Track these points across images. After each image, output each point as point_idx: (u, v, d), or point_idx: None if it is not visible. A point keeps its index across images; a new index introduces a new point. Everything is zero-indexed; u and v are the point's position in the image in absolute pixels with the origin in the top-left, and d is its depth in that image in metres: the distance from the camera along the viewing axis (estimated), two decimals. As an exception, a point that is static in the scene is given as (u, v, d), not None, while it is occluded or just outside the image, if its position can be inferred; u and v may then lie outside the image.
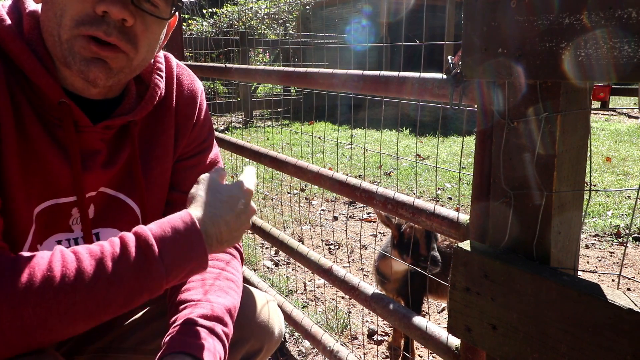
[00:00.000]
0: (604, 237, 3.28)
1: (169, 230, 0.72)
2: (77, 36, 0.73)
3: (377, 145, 6.13)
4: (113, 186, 0.90)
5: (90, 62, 0.74)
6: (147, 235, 0.70)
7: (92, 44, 0.73)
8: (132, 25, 0.75)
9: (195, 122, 0.98)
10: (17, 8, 0.79)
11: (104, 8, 0.71)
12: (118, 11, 0.72)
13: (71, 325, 0.66)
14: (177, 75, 0.96)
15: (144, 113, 0.88)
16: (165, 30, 0.84)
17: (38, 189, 0.79)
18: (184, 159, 0.98)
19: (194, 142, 0.99)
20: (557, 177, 0.72)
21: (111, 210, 0.90)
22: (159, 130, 0.93)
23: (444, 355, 1.14)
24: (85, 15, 0.72)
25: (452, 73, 0.99)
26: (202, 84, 1.03)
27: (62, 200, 0.83)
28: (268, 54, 10.18)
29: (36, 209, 0.80)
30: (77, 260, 0.67)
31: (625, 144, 6.17)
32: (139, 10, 0.75)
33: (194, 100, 0.98)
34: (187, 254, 0.72)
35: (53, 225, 0.84)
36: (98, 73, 0.75)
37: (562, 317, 0.68)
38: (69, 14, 0.72)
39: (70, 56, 0.74)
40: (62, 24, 0.72)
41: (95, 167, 0.84)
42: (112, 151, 0.87)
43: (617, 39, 0.59)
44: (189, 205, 0.77)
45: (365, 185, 1.35)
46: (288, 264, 2.88)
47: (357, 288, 1.45)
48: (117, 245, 0.70)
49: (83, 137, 0.82)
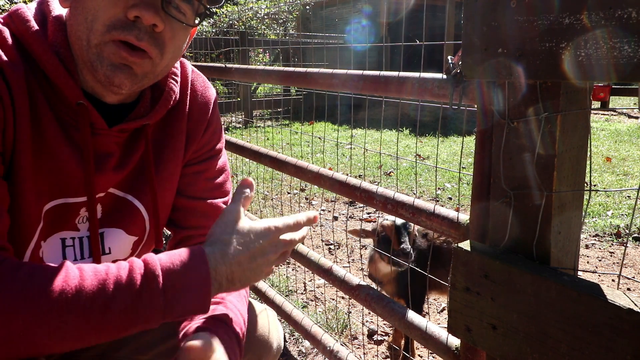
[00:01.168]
0: (604, 237, 3.28)
1: (177, 264, 0.70)
2: (107, 41, 0.74)
3: (377, 145, 6.13)
4: (122, 188, 0.90)
5: (117, 67, 0.75)
6: (155, 265, 0.68)
7: (122, 50, 0.74)
8: (161, 31, 0.76)
9: (206, 128, 0.99)
10: (41, 11, 0.81)
11: (136, 13, 0.72)
12: (150, 16, 0.73)
13: (59, 344, 0.64)
14: (191, 81, 0.97)
15: (158, 117, 0.89)
16: (188, 39, 0.85)
17: (49, 187, 0.80)
18: (192, 164, 0.98)
19: (204, 148, 0.99)
20: (557, 177, 0.72)
21: (118, 211, 0.91)
22: (170, 134, 0.94)
23: (444, 355, 1.14)
24: (117, 20, 0.73)
25: (452, 73, 0.99)
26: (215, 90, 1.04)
27: (71, 200, 0.83)
28: (268, 54, 10.19)
29: (45, 206, 0.81)
30: (80, 277, 0.65)
31: (625, 144, 6.17)
32: (168, 16, 0.76)
33: (207, 106, 0.99)
34: (190, 292, 0.69)
35: (59, 223, 0.84)
36: (124, 79, 0.76)
37: (562, 317, 0.68)
38: (101, 19, 0.73)
39: (98, 61, 0.75)
40: (94, 29, 0.73)
41: (107, 169, 0.85)
42: (125, 154, 0.88)
43: (617, 39, 0.59)
44: (207, 240, 0.75)
45: (365, 185, 1.35)
46: (288, 264, 2.88)
47: (357, 288, 1.45)
48: (124, 270, 0.68)
49: (98, 140, 0.83)
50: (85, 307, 0.64)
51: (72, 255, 0.87)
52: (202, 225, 0.98)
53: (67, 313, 0.63)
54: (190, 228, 0.99)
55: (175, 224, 1.00)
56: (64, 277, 0.64)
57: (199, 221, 0.98)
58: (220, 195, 1.01)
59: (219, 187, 1.01)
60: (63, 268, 0.66)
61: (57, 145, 0.78)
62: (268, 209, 3.75)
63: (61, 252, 0.86)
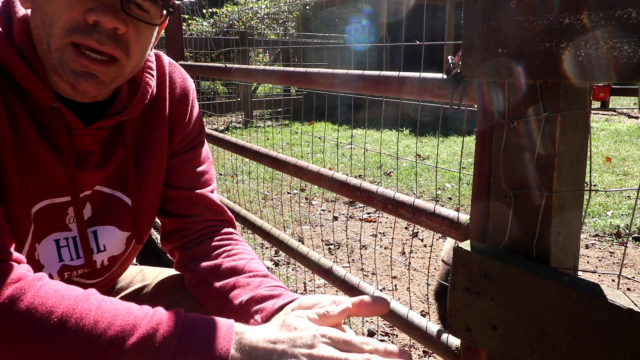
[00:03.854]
0: (604, 237, 3.28)
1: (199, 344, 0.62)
2: (67, 45, 0.71)
3: (377, 145, 6.13)
4: (108, 184, 0.90)
5: (79, 75, 0.73)
6: (172, 339, 0.62)
7: (82, 58, 0.72)
8: (124, 32, 0.74)
9: (188, 119, 1.00)
10: (7, 12, 0.78)
11: (95, 18, 0.70)
12: (109, 20, 0.70)
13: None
14: (169, 73, 0.97)
15: (136, 112, 0.88)
16: (155, 33, 0.83)
17: (34, 189, 0.80)
18: (177, 155, 1.00)
19: (187, 138, 1.01)
20: (557, 177, 0.72)
21: (108, 208, 0.91)
22: (152, 128, 0.94)
23: (444, 355, 1.14)
24: (76, 24, 0.70)
25: (452, 73, 0.99)
26: (193, 82, 1.05)
27: (57, 200, 0.83)
28: (268, 54, 10.18)
29: (33, 208, 0.81)
30: (88, 307, 0.62)
31: (625, 144, 6.17)
32: (130, 17, 0.74)
33: (187, 97, 1.00)
34: None
35: (50, 224, 0.85)
36: (88, 87, 0.74)
37: (562, 317, 0.68)
38: (58, 23, 0.70)
39: (60, 66, 0.73)
40: (52, 33, 0.71)
41: (89, 167, 0.85)
42: (106, 151, 0.88)
43: (617, 39, 0.59)
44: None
45: (365, 185, 1.35)
46: (288, 264, 2.88)
47: (357, 288, 1.45)
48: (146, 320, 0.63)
49: (76, 139, 0.82)
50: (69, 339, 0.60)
51: (67, 255, 0.88)
52: (195, 213, 1.00)
53: (47, 336, 0.59)
54: (185, 216, 1.00)
55: (168, 213, 1.01)
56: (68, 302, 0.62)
57: (192, 209, 1.00)
58: (208, 181, 1.03)
59: (205, 174, 1.03)
60: (83, 297, 0.63)
61: (37, 147, 0.78)
62: (268, 209, 3.75)
63: (57, 253, 0.87)
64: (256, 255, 1.00)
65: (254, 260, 0.95)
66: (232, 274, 0.90)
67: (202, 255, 0.96)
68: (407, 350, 0.72)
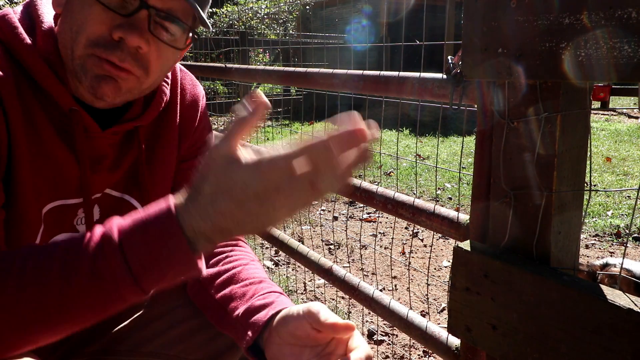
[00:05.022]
0: (604, 237, 3.28)
1: (140, 223, 0.59)
2: (90, 55, 0.73)
3: (377, 145, 6.13)
4: (118, 188, 0.91)
5: (101, 78, 0.75)
6: (111, 229, 0.59)
7: (105, 63, 0.73)
8: (146, 52, 0.75)
9: (197, 124, 1.01)
10: (29, 15, 0.80)
11: (121, 34, 0.71)
12: (135, 39, 0.71)
13: (27, 333, 0.58)
14: (180, 80, 0.98)
15: (150, 119, 0.90)
16: (178, 57, 0.85)
17: (47, 190, 0.80)
18: (187, 160, 1.00)
19: (197, 144, 1.02)
20: (557, 177, 0.72)
21: (115, 211, 0.91)
22: (163, 133, 0.95)
23: (444, 355, 1.14)
24: (101, 38, 0.72)
25: (452, 73, 0.99)
26: (202, 86, 1.05)
27: (69, 201, 0.84)
28: (268, 54, 10.18)
29: (44, 208, 0.81)
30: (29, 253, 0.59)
31: (625, 144, 6.17)
32: (155, 37, 0.75)
33: (197, 104, 1.01)
34: (162, 254, 0.58)
35: (59, 225, 0.85)
36: (107, 91, 0.75)
37: (562, 317, 0.68)
38: (85, 33, 0.72)
39: (82, 72, 0.74)
40: (77, 41, 0.73)
41: (102, 170, 0.86)
42: (119, 155, 0.89)
43: (617, 39, 0.59)
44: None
45: (365, 185, 1.35)
46: (288, 264, 2.88)
47: (357, 288, 1.45)
48: (78, 238, 0.60)
49: (92, 143, 0.83)
50: (37, 283, 0.57)
51: None
52: None
53: (20, 292, 0.56)
54: None
55: None
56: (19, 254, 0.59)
57: None
58: None
59: None
60: (26, 247, 0.61)
61: (53, 148, 0.79)
62: (268, 209, 3.74)
63: None
64: (255, 256, 1.00)
65: (251, 264, 0.95)
66: (230, 283, 0.91)
67: None
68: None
